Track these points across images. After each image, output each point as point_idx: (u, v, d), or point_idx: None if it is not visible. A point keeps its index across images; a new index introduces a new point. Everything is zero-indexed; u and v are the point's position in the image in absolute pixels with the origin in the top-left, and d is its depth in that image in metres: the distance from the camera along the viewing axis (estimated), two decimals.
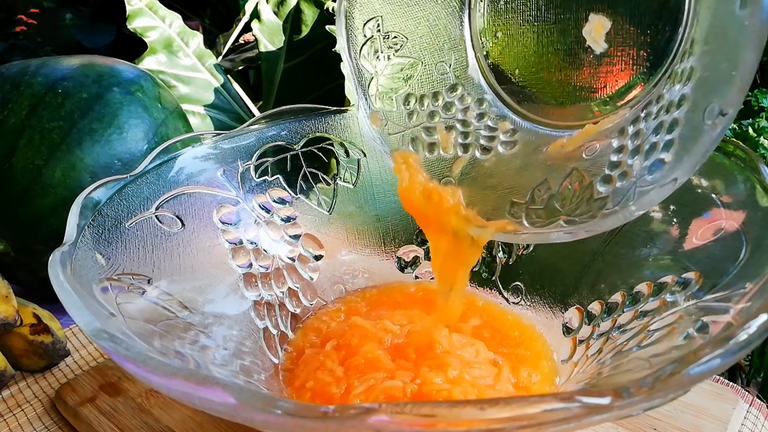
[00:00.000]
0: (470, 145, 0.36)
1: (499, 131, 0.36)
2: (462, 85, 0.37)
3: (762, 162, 0.29)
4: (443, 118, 0.37)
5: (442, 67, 0.37)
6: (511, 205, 0.33)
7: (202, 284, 0.35)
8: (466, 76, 0.37)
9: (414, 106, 0.37)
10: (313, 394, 0.32)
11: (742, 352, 0.19)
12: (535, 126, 0.35)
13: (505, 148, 0.36)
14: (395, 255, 0.44)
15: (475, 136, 0.37)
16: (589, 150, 0.32)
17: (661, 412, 0.34)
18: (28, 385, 0.39)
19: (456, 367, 0.32)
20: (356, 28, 0.36)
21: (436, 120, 0.37)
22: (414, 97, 0.37)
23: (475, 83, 0.37)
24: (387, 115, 0.37)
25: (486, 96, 0.37)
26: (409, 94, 0.37)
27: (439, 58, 0.37)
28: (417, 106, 0.37)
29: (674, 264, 0.31)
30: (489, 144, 0.36)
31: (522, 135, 0.36)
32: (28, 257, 0.45)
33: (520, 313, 0.40)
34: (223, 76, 0.73)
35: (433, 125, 0.37)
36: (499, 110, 0.36)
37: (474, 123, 0.37)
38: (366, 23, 0.36)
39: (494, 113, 0.37)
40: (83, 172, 0.44)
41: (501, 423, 0.17)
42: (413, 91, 0.37)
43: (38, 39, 2.26)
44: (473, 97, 0.37)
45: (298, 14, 0.72)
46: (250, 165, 0.41)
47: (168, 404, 0.35)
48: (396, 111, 0.37)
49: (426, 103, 0.37)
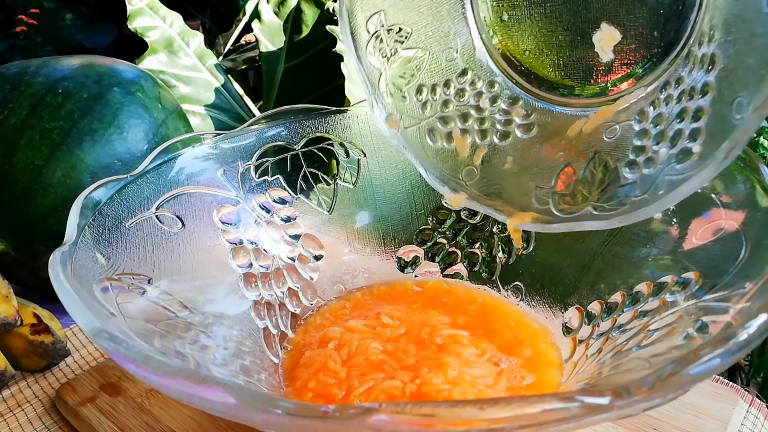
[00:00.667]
0: (487, 131, 0.36)
1: (513, 114, 0.36)
2: (471, 70, 0.37)
3: (762, 162, 0.29)
4: (457, 105, 0.37)
5: (450, 53, 0.37)
6: (537, 189, 0.33)
7: (202, 284, 0.35)
8: (475, 60, 0.37)
9: (427, 97, 0.37)
10: (315, 395, 0.32)
11: (741, 352, 0.19)
12: (549, 105, 0.35)
13: (522, 131, 0.36)
14: (395, 255, 0.44)
15: (491, 122, 0.36)
16: (609, 132, 0.32)
17: (661, 412, 0.34)
18: (28, 385, 0.39)
19: (455, 368, 0.32)
20: (359, 26, 0.36)
21: (450, 108, 0.37)
22: (426, 87, 0.37)
23: (485, 66, 0.37)
24: (400, 110, 0.37)
25: (497, 78, 0.37)
26: (421, 84, 0.37)
27: (445, 45, 0.37)
28: (429, 96, 0.37)
29: (674, 264, 0.31)
30: (506, 128, 0.36)
31: (537, 116, 0.36)
32: (29, 257, 0.45)
33: (525, 311, 0.40)
34: (223, 76, 0.73)
35: (448, 114, 0.37)
36: (512, 92, 0.36)
37: (488, 108, 0.37)
38: (369, 19, 0.36)
39: (506, 96, 0.36)
40: (83, 172, 0.44)
41: (501, 423, 0.17)
42: (424, 81, 0.37)
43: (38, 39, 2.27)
44: (484, 80, 0.37)
45: (299, 14, 0.72)
46: (250, 165, 0.41)
47: (168, 404, 0.35)
48: (409, 104, 0.37)
49: (438, 92, 0.37)
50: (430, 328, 0.36)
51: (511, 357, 0.35)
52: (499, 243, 0.42)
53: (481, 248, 0.43)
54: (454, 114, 0.37)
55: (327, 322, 0.40)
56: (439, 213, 0.44)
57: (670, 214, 0.33)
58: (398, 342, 0.35)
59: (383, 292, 0.43)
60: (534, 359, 0.35)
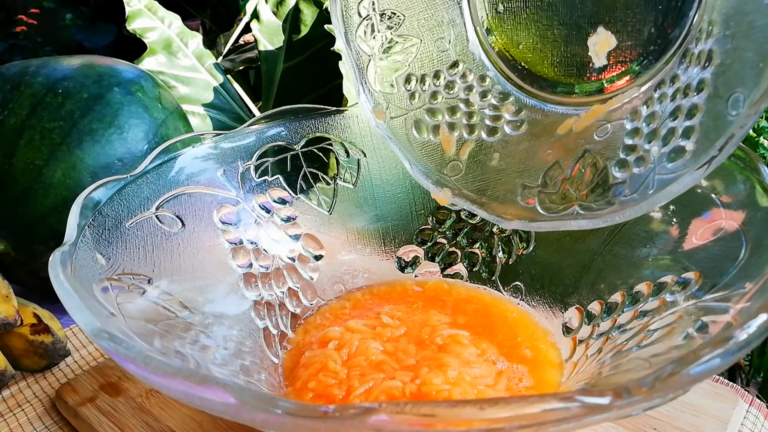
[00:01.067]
0: (475, 126, 0.36)
1: (503, 110, 0.36)
2: (463, 62, 0.36)
3: (762, 162, 0.29)
4: (446, 97, 0.36)
5: (442, 43, 0.36)
6: (523, 188, 0.33)
7: (202, 284, 0.35)
8: (467, 53, 0.36)
9: (415, 87, 0.36)
10: (315, 395, 0.32)
11: (741, 352, 0.19)
12: (541, 103, 0.35)
13: (511, 128, 0.35)
14: (395, 255, 0.44)
15: (480, 116, 0.36)
16: (600, 131, 0.32)
17: (661, 412, 0.34)
18: (28, 385, 0.39)
19: (456, 368, 0.32)
20: (351, 8, 0.35)
21: (438, 100, 0.36)
22: (415, 77, 0.36)
23: (477, 60, 0.36)
24: (388, 99, 0.36)
25: (488, 73, 0.36)
26: (410, 74, 0.36)
27: (438, 35, 0.36)
28: (418, 87, 0.36)
29: (674, 264, 0.31)
30: (495, 124, 0.35)
31: (528, 113, 0.35)
32: (28, 257, 0.45)
33: (525, 311, 0.40)
34: (223, 76, 0.73)
35: (436, 107, 0.36)
36: (503, 87, 0.36)
37: (478, 102, 0.36)
38: (361, 2, 0.35)
39: (497, 91, 0.36)
40: (83, 172, 0.44)
41: (501, 423, 0.17)
42: (413, 70, 0.36)
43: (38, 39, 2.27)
44: (475, 74, 0.36)
45: (297, 14, 0.72)
46: (250, 165, 0.41)
47: (168, 404, 0.35)
48: (397, 93, 0.37)
49: (427, 82, 0.36)
50: (430, 328, 0.36)
51: (511, 357, 0.35)
52: (499, 243, 0.42)
53: (481, 248, 0.43)
54: (443, 106, 0.36)
55: (327, 322, 0.40)
56: (439, 213, 0.44)
57: (670, 214, 0.33)
58: (398, 342, 0.35)
59: (383, 292, 0.43)
60: (534, 359, 0.35)
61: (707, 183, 0.31)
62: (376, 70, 0.36)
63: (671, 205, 0.33)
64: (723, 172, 0.30)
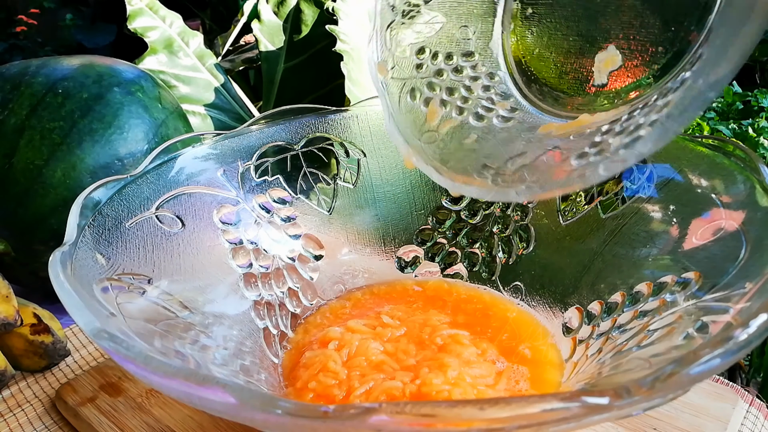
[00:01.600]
0: (466, 110, 0.36)
1: (498, 106, 0.36)
2: (479, 54, 0.37)
3: (762, 162, 0.29)
4: (451, 79, 0.37)
5: (465, 32, 0.37)
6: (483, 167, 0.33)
7: (202, 284, 0.35)
8: (486, 48, 0.37)
9: (425, 59, 0.37)
10: (315, 395, 0.32)
11: (741, 352, 0.19)
12: (538, 112, 0.35)
13: (499, 121, 0.36)
14: (395, 255, 0.45)
15: (474, 103, 0.36)
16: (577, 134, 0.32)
17: (661, 412, 0.34)
18: (28, 385, 0.39)
19: (456, 368, 0.32)
20: None
21: (442, 78, 0.37)
22: (429, 50, 0.37)
23: (492, 57, 0.37)
24: (396, 60, 0.37)
25: (499, 72, 0.37)
26: (425, 47, 0.37)
27: (465, 22, 0.37)
28: (428, 60, 0.37)
29: (674, 264, 0.31)
30: (485, 113, 0.36)
31: (520, 115, 0.36)
32: (28, 257, 0.45)
33: (525, 311, 0.40)
34: (223, 76, 0.73)
35: (437, 83, 0.37)
36: (507, 89, 0.36)
37: (478, 92, 0.37)
38: None
39: (501, 90, 0.36)
40: (83, 172, 0.44)
41: (501, 423, 0.17)
42: (430, 45, 0.37)
43: (38, 39, 2.27)
44: (486, 69, 0.37)
45: (298, 14, 0.72)
46: (250, 165, 0.41)
47: (168, 404, 0.35)
48: (407, 58, 0.37)
49: (438, 59, 0.37)
50: (430, 328, 0.36)
51: (511, 357, 0.35)
52: (499, 243, 0.42)
53: (481, 248, 0.43)
54: (443, 84, 0.37)
55: (327, 321, 0.40)
56: (439, 213, 0.44)
57: (670, 214, 0.33)
58: (398, 342, 0.35)
59: (383, 291, 0.43)
60: (534, 359, 0.35)
61: (707, 183, 0.31)
62: (396, 32, 0.36)
63: (671, 205, 0.33)
64: (723, 172, 0.30)
